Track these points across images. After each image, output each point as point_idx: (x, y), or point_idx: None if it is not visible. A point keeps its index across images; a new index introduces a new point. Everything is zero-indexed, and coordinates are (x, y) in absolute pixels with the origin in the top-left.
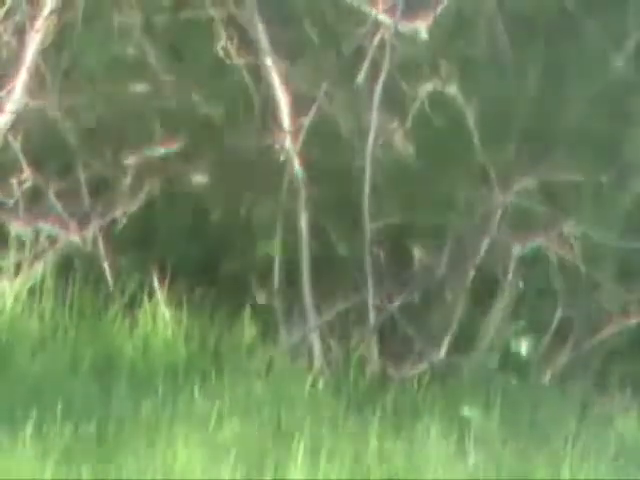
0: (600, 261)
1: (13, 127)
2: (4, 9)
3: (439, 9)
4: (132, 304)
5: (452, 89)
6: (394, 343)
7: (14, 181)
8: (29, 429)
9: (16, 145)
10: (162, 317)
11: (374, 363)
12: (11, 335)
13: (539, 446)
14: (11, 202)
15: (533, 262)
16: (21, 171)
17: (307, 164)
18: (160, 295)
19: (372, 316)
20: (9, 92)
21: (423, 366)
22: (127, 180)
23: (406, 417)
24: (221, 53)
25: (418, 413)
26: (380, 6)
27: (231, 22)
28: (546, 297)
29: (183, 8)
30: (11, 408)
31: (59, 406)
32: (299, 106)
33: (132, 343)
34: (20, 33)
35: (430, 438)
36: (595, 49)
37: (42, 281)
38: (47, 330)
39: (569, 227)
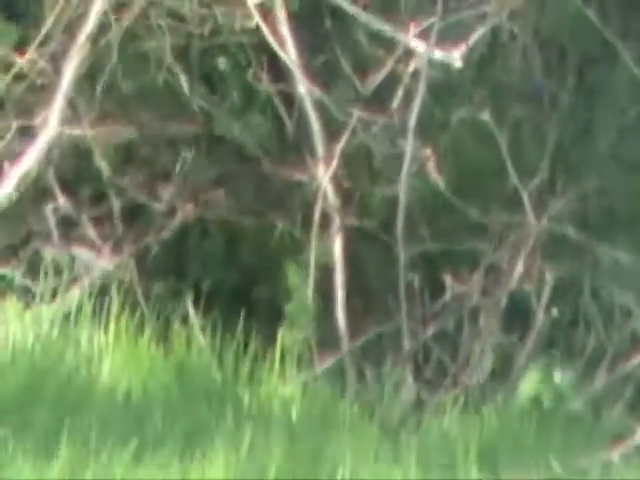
0: (633, 287)
1: (47, 154)
2: (40, 36)
3: (474, 36)
4: (167, 330)
5: (485, 115)
6: (428, 369)
7: (49, 208)
8: (64, 456)
9: (50, 172)
10: (196, 343)
11: (409, 389)
12: (47, 361)
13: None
14: (46, 229)
15: (566, 289)
16: (55, 198)
17: (341, 191)
18: (194, 321)
19: (406, 342)
20: (44, 120)
21: (457, 392)
22: (160, 207)
23: (441, 444)
24: (252, 80)
25: (452, 440)
26: (413, 33)
27: (263, 48)
28: (579, 324)
29: (215, 34)
30: (46, 434)
31: (94, 432)
32: (333, 133)
33: (167, 369)
34: (55, 60)
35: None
36: (629, 76)
37: (78, 307)
38: (82, 356)
39: (602, 253)
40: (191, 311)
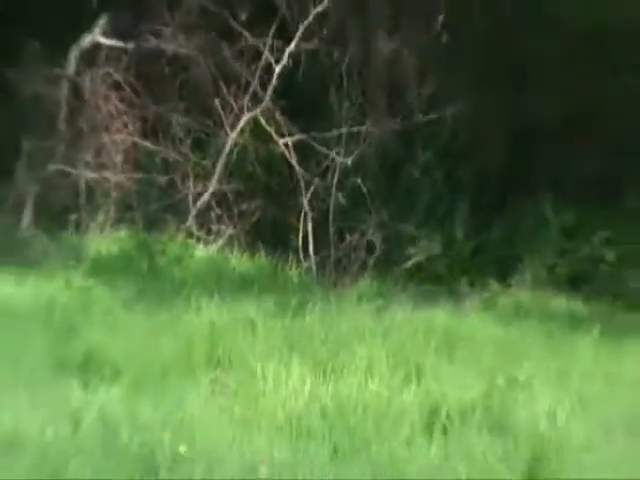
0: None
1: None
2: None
3: None
4: (253, 257)
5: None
6: (332, 265)
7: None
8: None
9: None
10: (262, 260)
11: (331, 271)
12: (208, 264)
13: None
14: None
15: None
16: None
17: (312, 207)
18: (264, 253)
19: (332, 254)
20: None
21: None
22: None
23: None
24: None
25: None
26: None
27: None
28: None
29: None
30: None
31: (230, 291)
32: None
33: (253, 268)
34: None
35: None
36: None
37: (219, 251)
38: (221, 265)
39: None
40: (262, 250)
